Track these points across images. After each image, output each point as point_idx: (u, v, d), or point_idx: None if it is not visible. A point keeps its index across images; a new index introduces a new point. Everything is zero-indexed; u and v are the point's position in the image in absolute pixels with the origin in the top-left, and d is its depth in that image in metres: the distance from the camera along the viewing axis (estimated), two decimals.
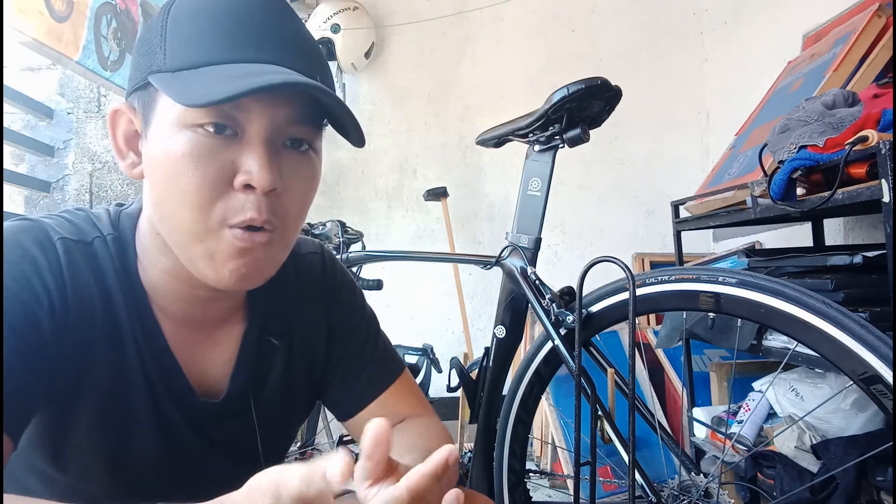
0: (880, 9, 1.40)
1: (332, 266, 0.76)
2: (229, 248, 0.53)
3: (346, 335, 0.74)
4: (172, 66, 0.51)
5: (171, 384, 0.61)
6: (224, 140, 0.52)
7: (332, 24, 2.46)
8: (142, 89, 0.54)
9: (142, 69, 0.54)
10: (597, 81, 1.00)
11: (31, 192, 2.11)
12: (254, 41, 0.52)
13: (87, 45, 1.65)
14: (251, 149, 0.52)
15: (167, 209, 0.54)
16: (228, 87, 0.47)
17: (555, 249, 2.61)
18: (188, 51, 0.51)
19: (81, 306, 0.55)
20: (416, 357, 1.56)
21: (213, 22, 0.52)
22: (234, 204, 0.52)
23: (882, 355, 0.72)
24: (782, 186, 1.15)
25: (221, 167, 0.52)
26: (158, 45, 0.52)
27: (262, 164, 0.51)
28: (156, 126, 0.53)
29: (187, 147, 0.51)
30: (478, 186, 2.65)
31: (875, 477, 1.19)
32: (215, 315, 0.65)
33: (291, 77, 0.50)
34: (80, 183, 2.16)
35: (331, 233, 1.54)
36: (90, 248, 0.58)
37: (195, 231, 0.53)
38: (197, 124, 0.51)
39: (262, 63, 0.52)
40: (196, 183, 0.51)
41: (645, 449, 1.46)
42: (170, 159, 0.52)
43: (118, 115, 0.57)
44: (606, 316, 1.02)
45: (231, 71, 0.50)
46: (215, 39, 0.52)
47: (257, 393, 0.67)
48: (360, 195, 2.66)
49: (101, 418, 0.57)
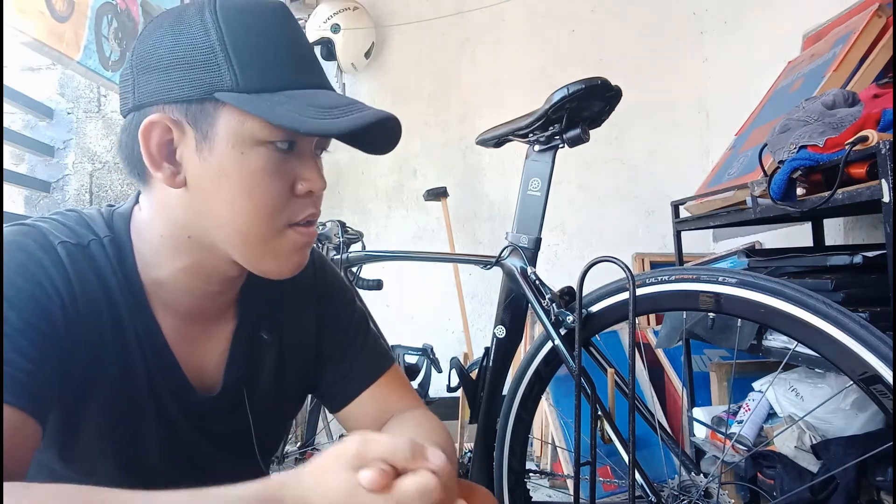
0: (880, 9, 1.40)
1: (321, 266, 0.79)
2: (295, 245, 0.61)
3: (336, 331, 0.77)
4: (248, 88, 0.55)
5: (171, 380, 0.63)
6: (287, 154, 0.58)
7: (332, 24, 2.46)
8: (190, 102, 0.56)
9: (193, 83, 0.55)
10: (597, 81, 1.00)
11: (31, 192, 2.11)
12: (304, 65, 0.60)
13: (88, 46, 1.66)
14: (307, 161, 0.60)
15: (236, 217, 0.57)
16: (333, 122, 0.54)
17: (555, 249, 2.61)
18: (262, 74, 0.56)
19: (89, 306, 0.57)
20: (416, 357, 1.56)
21: (274, 45, 0.57)
22: (296, 208, 0.60)
23: (882, 355, 0.72)
24: (782, 186, 1.15)
25: (287, 178, 0.59)
26: (224, 63, 0.55)
27: (319, 174, 0.61)
28: (222, 140, 0.56)
29: (264, 162, 0.57)
30: (478, 186, 2.65)
31: (875, 477, 1.19)
32: (213, 309, 0.67)
33: (378, 114, 0.57)
34: (80, 183, 2.16)
35: (331, 233, 1.54)
36: (88, 250, 0.59)
37: (263, 235, 0.59)
38: (270, 141, 0.56)
39: (317, 88, 0.59)
40: (272, 193, 0.58)
41: (645, 449, 1.46)
42: (245, 173, 0.56)
43: (154, 126, 0.57)
44: (606, 316, 1.02)
45: (308, 99, 0.56)
46: (281, 64, 0.57)
47: (250, 387, 0.70)
48: (360, 195, 2.66)
49: (109, 415, 0.59)
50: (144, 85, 0.57)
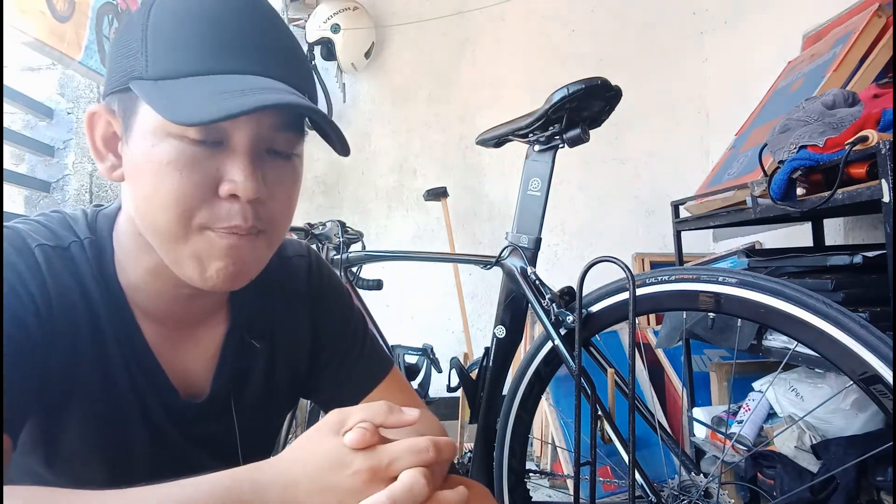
0: (880, 9, 1.40)
1: (318, 269, 0.76)
2: (214, 247, 0.53)
3: (331, 337, 0.75)
4: (154, 74, 0.51)
5: (155, 384, 0.61)
6: (208, 148, 0.52)
7: (332, 24, 2.46)
8: (121, 92, 0.54)
9: (121, 72, 0.53)
10: (597, 81, 1.00)
11: (31, 192, 2.11)
12: (237, 50, 0.52)
13: (89, 45, 1.66)
14: (236, 158, 0.52)
15: (149, 213, 0.54)
16: (217, 107, 0.48)
17: (555, 249, 2.61)
18: (170, 59, 0.51)
19: (65, 311, 0.55)
20: (416, 357, 1.56)
21: (196, 29, 0.52)
22: (219, 212, 0.53)
23: (882, 355, 0.72)
24: (782, 186, 1.15)
25: (206, 175, 0.52)
26: (140, 49, 0.52)
27: (247, 174, 0.52)
28: (138, 131, 0.53)
29: (172, 155, 0.51)
30: (478, 186, 2.65)
31: (875, 477, 1.19)
32: (197, 313, 0.65)
33: (279, 98, 0.50)
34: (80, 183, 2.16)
35: (331, 233, 1.54)
36: (67, 252, 0.57)
37: (177, 234, 0.53)
38: (182, 134, 0.51)
39: (246, 74, 0.52)
40: (180, 190, 0.51)
41: (645, 449, 1.46)
42: (153, 166, 0.52)
43: (96, 117, 0.57)
44: (606, 316, 1.02)
45: (217, 85, 0.50)
46: (198, 48, 0.51)
47: (238, 393, 0.68)
48: (360, 195, 2.66)
49: (91, 421, 0.58)
50: (107, 77, 0.57)
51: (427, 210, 2.62)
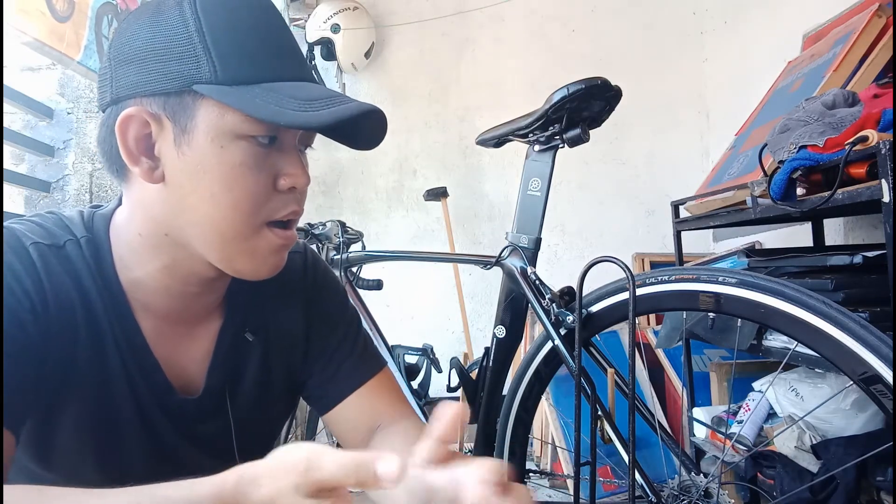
0: (880, 9, 1.40)
1: (314, 266, 0.77)
2: (271, 246, 0.60)
3: (325, 333, 0.75)
4: (227, 80, 0.54)
5: (151, 382, 0.62)
6: (268, 149, 0.57)
7: (332, 24, 2.46)
8: (168, 95, 0.54)
9: (174, 76, 0.54)
10: (597, 81, 1.00)
11: (31, 192, 2.11)
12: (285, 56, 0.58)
13: (88, 46, 1.65)
14: (289, 155, 0.59)
15: (215, 212, 0.56)
16: (322, 115, 0.53)
17: (555, 249, 2.61)
18: (240, 65, 0.55)
19: (62, 308, 0.56)
20: (416, 357, 1.56)
21: (253, 37, 0.56)
22: (278, 204, 0.59)
23: (882, 355, 0.72)
24: (782, 186, 1.15)
25: (269, 173, 0.58)
26: (203, 55, 0.53)
27: (302, 169, 0.59)
28: (201, 134, 0.55)
29: (245, 156, 0.56)
30: (478, 186, 2.65)
31: (875, 477, 1.19)
32: (196, 310, 0.66)
33: (361, 107, 0.56)
34: (80, 183, 2.16)
35: (331, 233, 1.54)
36: (63, 251, 0.58)
37: (242, 232, 0.57)
38: (251, 135, 0.55)
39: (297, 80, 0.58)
40: (252, 188, 0.56)
41: (645, 449, 1.46)
42: (225, 167, 0.55)
43: (130, 120, 0.55)
44: (606, 316, 1.02)
45: (294, 91, 0.55)
46: (261, 55, 0.56)
47: (233, 389, 0.68)
48: (360, 195, 2.66)
49: (87, 418, 0.58)
50: (122, 78, 0.56)
51: (427, 210, 2.62)
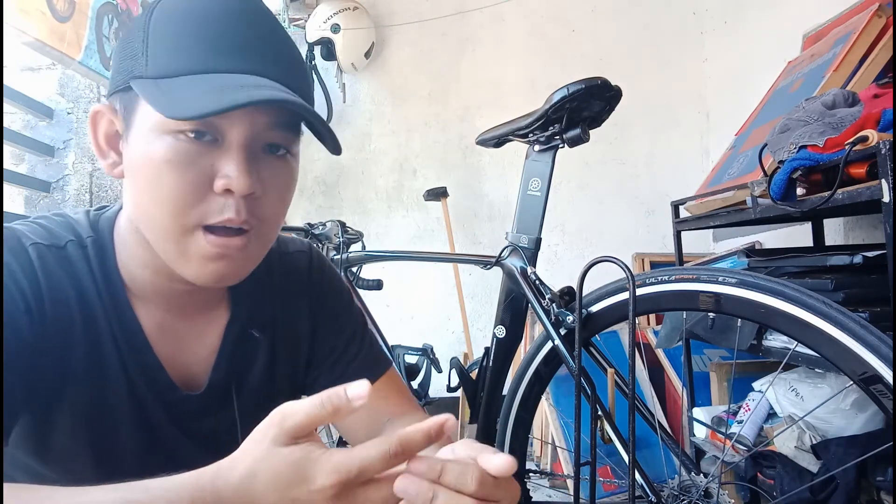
0: (880, 9, 1.40)
1: (318, 265, 0.77)
2: (203, 251, 0.55)
3: (331, 333, 0.75)
4: (153, 73, 0.53)
5: (152, 380, 0.62)
6: (204, 145, 0.54)
7: (332, 24, 2.46)
8: (123, 91, 0.56)
9: (123, 72, 0.55)
10: (597, 81, 1.00)
11: (31, 192, 2.11)
12: (234, 51, 0.54)
13: (88, 46, 1.65)
14: (230, 154, 0.54)
15: (146, 209, 0.56)
16: (210, 102, 0.50)
17: (555, 249, 2.61)
18: (169, 58, 0.53)
19: (58, 309, 0.56)
20: (416, 357, 1.56)
21: (195, 29, 0.54)
22: (213, 206, 0.54)
23: (882, 355, 0.72)
24: (782, 186, 1.15)
25: (201, 172, 0.54)
26: (140, 50, 0.54)
27: (241, 170, 0.54)
28: (137, 129, 0.55)
29: (169, 152, 0.53)
30: (478, 186, 2.65)
31: (875, 477, 1.19)
32: (197, 305, 0.66)
33: (272, 94, 0.52)
34: (80, 183, 2.16)
35: (331, 233, 1.54)
36: (63, 251, 0.58)
37: (172, 231, 0.55)
38: (178, 130, 0.53)
39: (241, 73, 0.53)
40: (176, 187, 0.53)
41: (645, 449, 1.46)
42: (151, 163, 0.54)
43: (99, 115, 0.59)
44: (606, 316, 1.02)
45: (212, 82, 0.52)
46: (196, 48, 0.53)
47: (239, 386, 0.68)
48: (360, 195, 2.66)
49: (83, 417, 0.58)
50: (111, 78, 0.59)
51: (427, 210, 2.62)
